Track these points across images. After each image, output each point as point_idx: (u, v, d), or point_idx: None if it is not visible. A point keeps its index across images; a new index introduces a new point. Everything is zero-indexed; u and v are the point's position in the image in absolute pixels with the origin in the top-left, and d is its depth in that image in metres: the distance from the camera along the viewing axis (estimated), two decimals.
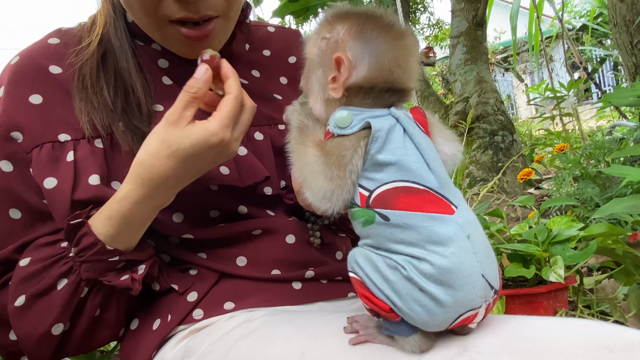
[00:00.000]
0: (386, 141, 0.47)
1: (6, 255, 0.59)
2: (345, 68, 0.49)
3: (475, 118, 2.78)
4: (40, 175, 0.59)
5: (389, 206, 0.46)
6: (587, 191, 1.51)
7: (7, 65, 0.65)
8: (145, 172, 0.55)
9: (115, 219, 0.56)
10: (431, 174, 0.47)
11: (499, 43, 9.85)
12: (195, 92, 0.54)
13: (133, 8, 0.62)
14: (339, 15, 0.52)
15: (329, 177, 0.48)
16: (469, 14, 3.12)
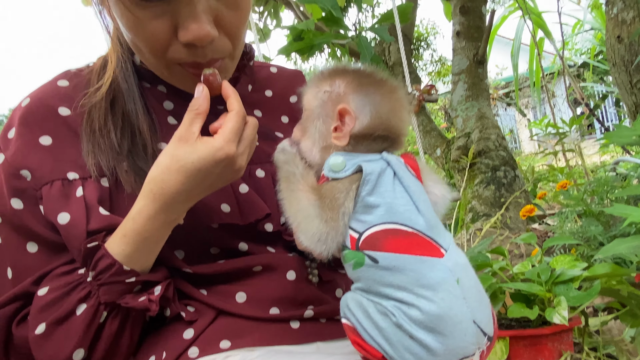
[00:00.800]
0: (377, 184, 0.49)
1: (25, 289, 0.60)
2: (350, 118, 0.52)
3: (477, 153, 2.80)
4: (53, 212, 0.60)
5: (377, 248, 0.47)
6: (591, 229, 1.50)
7: (17, 107, 0.67)
8: (156, 187, 0.57)
9: (130, 237, 0.58)
10: (420, 216, 0.48)
11: (501, 79, 10.03)
12: (197, 108, 0.59)
13: (142, 52, 0.64)
14: (337, 71, 0.56)
15: (323, 220, 0.49)
16: (470, 52, 3.19)
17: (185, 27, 0.58)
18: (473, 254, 1.35)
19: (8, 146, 0.64)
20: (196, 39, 0.59)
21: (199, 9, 0.57)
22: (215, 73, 0.62)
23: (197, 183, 0.58)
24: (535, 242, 1.35)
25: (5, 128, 0.66)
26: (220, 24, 0.61)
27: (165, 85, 0.72)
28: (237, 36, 0.65)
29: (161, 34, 0.59)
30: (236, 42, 0.65)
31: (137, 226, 0.58)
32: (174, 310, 0.64)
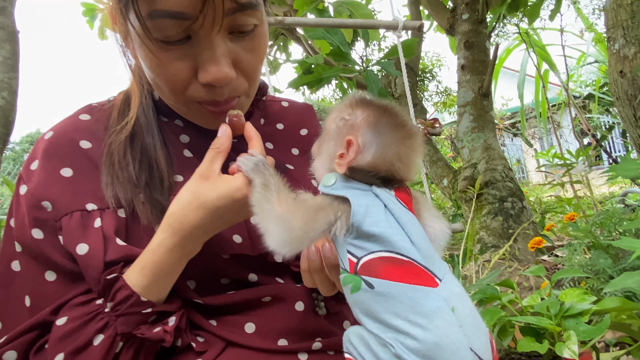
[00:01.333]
0: (366, 214, 0.51)
1: (43, 318, 0.61)
2: (352, 150, 0.54)
3: (484, 184, 2.81)
4: (72, 242, 0.62)
5: (373, 274, 0.48)
6: (600, 262, 1.49)
7: (40, 139, 0.70)
8: (176, 221, 0.59)
9: (148, 269, 0.59)
10: (413, 246, 0.49)
11: (507, 109, 10.10)
12: (219, 147, 0.63)
13: (162, 90, 0.67)
14: (362, 102, 0.57)
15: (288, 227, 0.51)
16: (475, 85, 3.25)
17: (205, 69, 0.61)
18: (482, 286, 1.35)
19: (31, 178, 0.66)
20: (215, 81, 0.62)
21: (219, 52, 0.61)
22: (240, 115, 0.66)
23: (215, 219, 0.60)
24: (544, 274, 1.34)
25: (29, 160, 0.69)
26: (238, 65, 0.64)
27: (181, 119, 0.75)
28: (254, 76, 0.68)
29: (182, 74, 0.62)
30: (252, 82, 0.69)
31: (156, 258, 0.60)
32: (185, 341, 0.65)
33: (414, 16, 4.35)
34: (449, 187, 3.42)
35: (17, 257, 0.65)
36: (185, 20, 0.57)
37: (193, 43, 0.61)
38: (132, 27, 0.59)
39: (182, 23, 0.58)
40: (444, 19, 3.56)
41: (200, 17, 0.57)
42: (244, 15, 0.61)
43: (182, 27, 0.58)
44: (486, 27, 3.43)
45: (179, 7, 0.56)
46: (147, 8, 0.57)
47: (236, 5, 0.59)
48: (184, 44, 0.60)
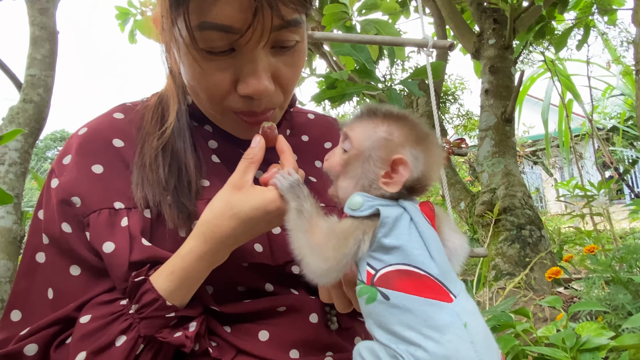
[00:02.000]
0: (393, 227, 0.51)
1: (67, 314, 0.62)
2: (405, 169, 0.53)
3: (502, 210, 2.77)
4: (99, 240, 0.63)
5: (390, 286, 0.49)
6: (619, 297, 1.46)
7: (74, 135, 0.72)
8: (208, 230, 0.60)
9: (177, 274, 0.60)
10: (432, 261, 0.50)
11: (528, 137, 10.00)
12: (252, 157, 0.64)
13: (200, 98, 0.69)
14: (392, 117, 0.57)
15: (325, 259, 0.52)
16: (498, 110, 3.24)
17: (246, 82, 0.63)
18: (496, 313, 1.32)
19: (63, 172, 0.68)
20: (254, 93, 0.63)
21: (260, 66, 0.62)
22: (273, 127, 0.67)
23: (247, 230, 0.61)
24: (561, 306, 1.32)
25: (62, 154, 0.70)
26: (277, 79, 0.66)
27: (211, 125, 0.77)
28: (289, 90, 0.70)
29: (222, 84, 0.64)
30: (287, 95, 0.70)
31: (186, 265, 0.60)
32: (203, 346, 0.64)
33: (440, 37, 4.37)
34: (466, 210, 3.38)
35: (44, 249, 0.66)
36: (233, 34, 0.59)
37: (236, 55, 0.62)
38: (180, 36, 0.61)
39: (230, 36, 0.59)
40: (470, 42, 3.57)
41: (248, 32, 0.58)
42: (288, 31, 0.62)
43: (229, 40, 0.60)
44: (512, 53, 3.43)
45: (229, 21, 0.58)
46: (197, 19, 0.58)
47: (283, 22, 0.60)
48: (227, 55, 0.62)
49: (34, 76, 1.67)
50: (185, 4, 0.58)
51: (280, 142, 0.67)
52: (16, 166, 1.56)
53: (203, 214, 0.62)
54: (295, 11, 0.61)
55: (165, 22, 0.63)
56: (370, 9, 2.62)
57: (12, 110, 1.63)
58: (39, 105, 1.64)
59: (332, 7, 2.60)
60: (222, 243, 0.61)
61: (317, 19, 4.19)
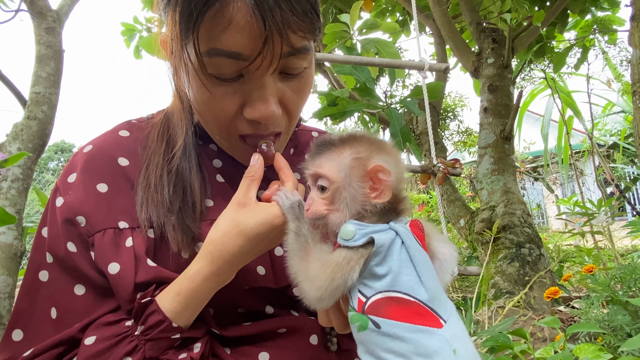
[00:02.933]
0: (386, 255, 0.51)
1: (72, 335, 0.62)
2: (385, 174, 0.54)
3: (502, 228, 2.77)
4: (104, 260, 0.63)
5: (380, 314, 0.49)
6: (618, 318, 1.45)
7: (79, 152, 0.72)
8: (215, 249, 0.61)
9: (183, 295, 0.60)
10: (422, 287, 0.50)
11: (529, 153, 10.01)
12: (253, 175, 0.65)
13: (207, 121, 0.70)
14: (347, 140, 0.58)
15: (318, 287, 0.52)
16: (497, 128, 3.26)
17: (253, 107, 0.64)
18: (493, 334, 1.32)
19: (68, 190, 0.67)
20: (262, 118, 0.64)
21: (268, 91, 0.63)
22: (270, 144, 0.69)
23: (254, 246, 0.61)
24: (559, 326, 1.31)
25: (67, 171, 0.70)
26: (283, 104, 0.67)
27: (216, 143, 0.77)
28: (295, 114, 0.71)
29: (229, 109, 0.65)
30: (293, 119, 0.71)
31: (193, 286, 0.60)
32: None
33: (439, 56, 4.42)
34: (465, 227, 3.38)
35: (47, 267, 0.66)
36: (243, 61, 0.59)
37: (245, 81, 0.63)
38: (189, 61, 0.62)
39: (239, 63, 0.60)
40: (469, 61, 3.61)
41: (258, 59, 0.59)
42: (297, 58, 0.63)
43: (238, 67, 0.61)
44: (511, 72, 3.47)
45: (238, 48, 0.58)
46: (207, 45, 0.59)
47: (292, 50, 0.61)
48: (236, 81, 0.63)
49: (38, 94, 1.70)
50: (196, 30, 0.58)
51: (278, 159, 0.68)
52: (19, 182, 1.58)
53: (209, 233, 0.63)
54: (304, 39, 0.61)
55: (174, 47, 0.63)
56: (370, 29, 2.67)
57: (16, 127, 1.65)
58: (42, 123, 1.67)
59: (333, 26, 2.64)
60: (229, 262, 0.61)
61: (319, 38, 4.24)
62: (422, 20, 4.20)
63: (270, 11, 0.56)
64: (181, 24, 0.59)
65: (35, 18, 1.77)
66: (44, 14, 1.77)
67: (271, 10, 0.56)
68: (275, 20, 0.57)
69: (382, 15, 4.75)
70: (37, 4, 1.77)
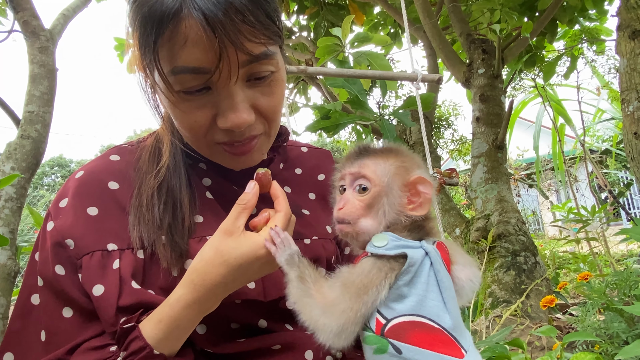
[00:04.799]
0: (415, 276, 0.49)
1: (58, 357, 0.62)
2: (426, 187, 0.54)
3: (497, 236, 2.78)
4: (90, 282, 0.64)
5: (403, 339, 0.47)
6: (614, 326, 1.46)
7: (71, 178, 0.73)
8: (198, 278, 0.60)
9: (165, 322, 0.60)
10: (447, 313, 0.49)
11: (522, 160, 10.07)
12: (245, 203, 0.64)
13: (186, 135, 0.71)
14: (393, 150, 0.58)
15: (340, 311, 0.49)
16: (489, 137, 3.29)
17: (225, 117, 0.65)
18: (491, 344, 1.32)
19: (59, 215, 0.69)
20: (234, 126, 0.65)
21: (237, 100, 0.64)
22: (268, 173, 0.68)
23: (236, 277, 0.61)
24: (556, 335, 1.31)
25: (59, 197, 0.72)
26: (257, 109, 0.68)
27: (205, 163, 0.78)
28: (273, 118, 0.71)
29: (203, 121, 0.66)
30: (271, 123, 0.72)
31: (173, 313, 0.60)
32: None
33: (431, 68, 4.47)
34: (461, 236, 3.39)
35: (38, 290, 0.67)
36: (204, 74, 0.61)
37: (213, 92, 0.64)
38: (155, 81, 0.64)
39: (202, 77, 0.62)
40: (460, 72, 3.66)
41: (217, 71, 0.61)
42: (259, 64, 0.64)
43: (201, 80, 0.62)
44: (502, 82, 3.51)
45: (197, 62, 0.60)
46: (169, 65, 0.61)
47: (251, 57, 0.62)
48: (204, 93, 0.64)
49: (32, 112, 1.70)
50: (155, 52, 0.60)
51: (275, 187, 0.68)
52: (12, 202, 1.57)
53: (193, 261, 0.63)
54: (261, 45, 0.63)
55: (140, 69, 0.66)
56: (362, 42, 2.70)
57: (10, 146, 1.65)
58: (36, 141, 1.67)
59: (326, 39, 2.67)
60: (212, 291, 0.61)
61: (311, 50, 4.29)
62: (413, 32, 4.25)
63: (221, 24, 0.58)
64: (141, 48, 0.62)
65: (28, 38, 1.78)
66: (37, 34, 1.78)
67: (221, 23, 0.58)
68: (227, 32, 0.58)
69: (374, 29, 4.81)
70: (30, 24, 1.78)
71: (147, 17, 0.59)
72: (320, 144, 23.11)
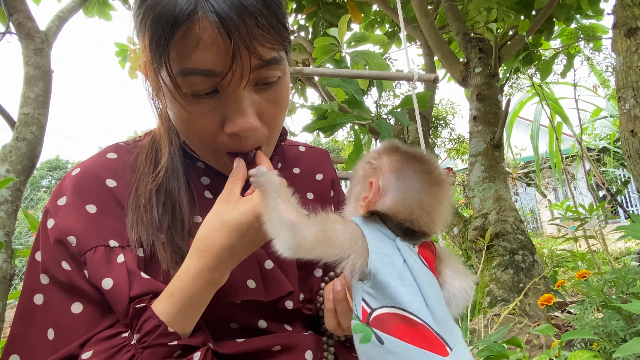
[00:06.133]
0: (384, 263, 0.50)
1: (71, 352, 0.61)
2: (372, 192, 0.54)
3: (495, 235, 2.78)
4: (97, 277, 0.63)
5: (385, 330, 0.47)
6: (612, 324, 1.46)
7: (68, 175, 0.73)
8: (202, 244, 0.61)
9: (176, 295, 0.60)
10: (427, 309, 0.48)
11: (520, 159, 10.09)
12: (236, 174, 0.67)
13: (192, 140, 0.71)
14: (390, 149, 0.58)
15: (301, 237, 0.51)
16: (487, 136, 3.29)
17: (232, 121, 0.65)
18: (489, 343, 1.32)
19: (58, 213, 0.68)
20: (241, 131, 0.65)
21: (245, 104, 0.64)
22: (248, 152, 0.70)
23: (239, 237, 0.61)
24: (554, 333, 1.31)
25: (56, 194, 0.71)
26: (262, 116, 0.68)
27: (203, 161, 0.78)
28: (276, 125, 0.72)
29: (210, 126, 0.66)
30: (273, 130, 0.72)
31: (184, 284, 0.60)
32: None
33: (428, 67, 4.48)
34: (459, 235, 3.39)
35: (42, 290, 0.66)
36: (215, 77, 0.61)
37: (220, 97, 0.64)
38: (164, 83, 0.63)
39: (212, 80, 0.61)
40: (457, 71, 3.66)
41: (229, 74, 0.60)
42: (269, 69, 0.64)
43: (211, 83, 0.62)
44: (498, 80, 3.52)
45: (209, 65, 0.60)
46: (179, 66, 0.60)
47: (262, 62, 0.62)
48: (212, 97, 0.64)
49: (27, 115, 1.69)
50: (166, 53, 0.59)
51: (259, 154, 0.70)
52: (7, 204, 1.57)
53: (198, 231, 0.63)
54: (272, 50, 0.63)
55: (149, 70, 0.65)
56: (359, 41, 2.70)
57: (5, 149, 1.64)
58: (31, 144, 1.66)
59: (322, 39, 2.67)
60: (218, 256, 0.60)
61: (308, 51, 4.28)
62: (410, 31, 4.25)
63: (235, 27, 0.58)
64: (152, 49, 0.61)
65: (23, 40, 1.77)
66: (32, 36, 1.78)
67: (236, 26, 0.58)
68: (241, 35, 0.58)
69: (371, 27, 4.81)
70: (24, 25, 1.77)
71: (160, 17, 0.59)
72: (316, 143, 23.08)
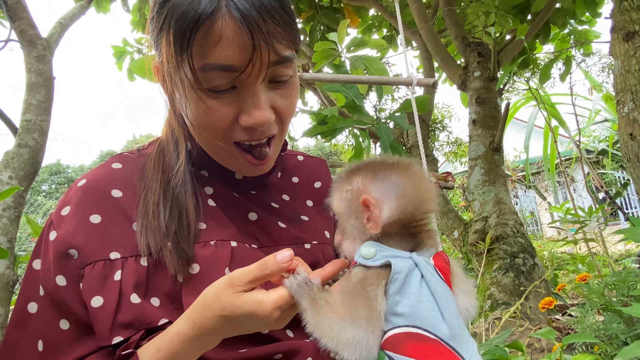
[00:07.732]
0: (404, 284, 0.50)
1: None
2: (374, 206, 0.54)
3: (495, 239, 2.79)
4: (89, 293, 0.64)
5: (398, 350, 0.47)
6: (612, 327, 1.46)
7: (73, 186, 0.73)
8: (199, 318, 0.59)
9: (162, 353, 0.60)
10: (444, 324, 0.48)
11: (519, 161, 10.11)
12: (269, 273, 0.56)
13: (205, 134, 0.72)
14: (352, 171, 0.60)
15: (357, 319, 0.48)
16: (486, 139, 3.30)
17: (249, 114, 0.67)
18: (490, 347, 1.33)
19: (61, 224, 0.68)
20: (257, 124, 0.67)
21: (261, 98, 0.67)
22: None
23: (234, 328, 0.59)
24: (555, 337, 1.32)
25: (61, 205, 0.72)
26: (275, 110, 0.70)
27: (207, 170, 0.80)
28: (287, 120, 0.74)
29: (226, 119, 0.68)
30: (284, 125, 0.75)
31: (173, 346, 0.60)
32: None
33: (427, 71, 4.49)
34: (459, 239, 3.40)
35: (37, 299, 0.66)
36: (234, 72, 0.63)
37: (238, 91, 0.66)
38: (185, 78, 0.65)
39: (231, 74, 0.64)
40: (456, 75, 3.68)
41: (248, 69, 0.63)
42: (283, 67, 0.67)
43: (230, 78, 0.64)
44: (497, 84, 3.53)
45: (229, 60, 0.62)
46: (200, 62, 0.63)
47: (279, 58, 0.65)
48: (229, 92, 0.66)
49: (29, 121, 1.70)
50: (189, 48, 0.62)
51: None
52: (10, 210, 1.57)
53: (198, 298, 0.61)
54: (287, 47, 0.66)
55: (170, 66, 0.66)
56: (358, 46, 2.71)
57: (7, 155, 1.65)
58: (34, 150, 1.67)
59: (322, 44, 2.68)
60: (209, 335, 0.60)
61: (308, 55, 4.30)
62: (408, 36, 4.27)
63: (256, 23, 0.61)
64: (175, 45, 0.63)
65: (25, 47, 1.78)
66: (34, 43, 1.79)
67: (257, 23, 0.61)
68: (262, 32, 0.61)
69: (369, 31, 4.83)
70: (27, 32, 1.78)
71: (185, 14, 0.61)
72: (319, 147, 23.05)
